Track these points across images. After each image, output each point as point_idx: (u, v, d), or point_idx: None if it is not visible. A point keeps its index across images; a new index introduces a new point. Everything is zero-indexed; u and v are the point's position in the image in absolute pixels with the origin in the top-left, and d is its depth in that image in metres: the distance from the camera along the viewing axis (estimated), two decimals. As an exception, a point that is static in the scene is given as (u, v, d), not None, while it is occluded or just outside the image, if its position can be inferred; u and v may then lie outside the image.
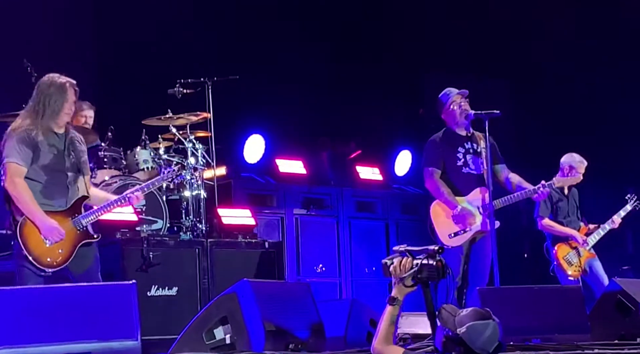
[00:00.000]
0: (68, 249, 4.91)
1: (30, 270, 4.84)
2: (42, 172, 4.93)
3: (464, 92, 6.39)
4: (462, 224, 6.15)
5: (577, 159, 7.46)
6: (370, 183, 8.53)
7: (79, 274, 4.94)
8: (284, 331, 4.67)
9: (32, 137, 4.90)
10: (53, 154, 4.96)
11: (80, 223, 4.96)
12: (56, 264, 4.88)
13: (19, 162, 4.87)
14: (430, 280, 3.43)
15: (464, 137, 6.39)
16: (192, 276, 6.22)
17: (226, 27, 8.89)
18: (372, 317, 5.32)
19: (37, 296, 4.35)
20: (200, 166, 6.82)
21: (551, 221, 7.43)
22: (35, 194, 4.89)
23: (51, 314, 4.25)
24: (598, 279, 7.36)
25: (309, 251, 7.94)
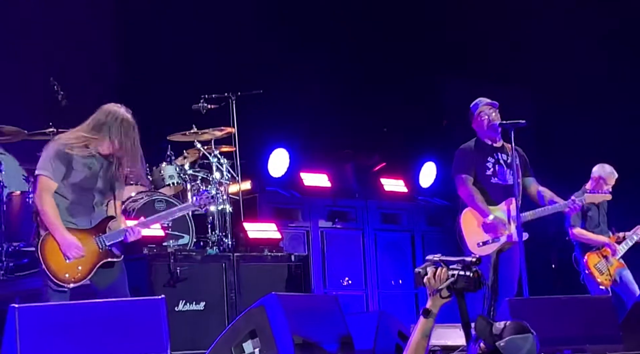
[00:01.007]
0: (87, 267, 4.91)
1: (50, 287, 4.85)
2: (71, 189, 4.95)
3: (494, 104, 6.41)
4: (492, 233, 6.13)
5: (608, 171, 7.41)
6: (395, 195, 8.49)
7: (104, 289, 4.93)
8: (312, 344, 4.65)
9: (68, 153, 4.92)
10: (85, 174, 4.98)
11: (103, 243, 4.96)
12: (74, 280, 4.88)
13: (50, 176, 4.90)
14: (466, 291, 3.38)
15: (494, 147, 6.40)
16: (219, 290, 6.21)
17: (249, 42, 8.91)
18: (401, 329, 5.28)
19: (68, 312, 4.36)
20: (225, 181, 6.82)
21: (584, 230, 7.37)
22: (61, 210, 4.91)
23: (82, 330, 4.26)
24: (629, 289, 7.28)
25: (334, 264, 7.91)
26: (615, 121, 9.20)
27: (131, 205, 6.51)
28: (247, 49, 8.87)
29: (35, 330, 4.22)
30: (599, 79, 9.25)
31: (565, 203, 6.33)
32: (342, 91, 9.10)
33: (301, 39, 9.04)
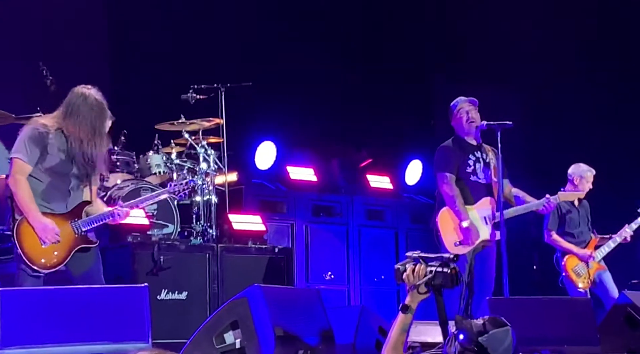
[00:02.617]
0: (63, 252, 4.90)
1: (25, 271, 4.84)
2: (46, 173, 4.93)
3: (473, 101, 6.41)
4: (464, 237, 6.16)
5: (586, 169, 7.47)
6: (380, 192, 8.53)
7: (79, 275, 4.93)
8: (293, 337, 4.68)
9: (43, 137, 4.92)
10: (60, 158, 4.96)
11: (79, 228, 4.95)
12: (50, 266, 4.87)
13: (24, 159, 4.88)
14: (444, 287, 3.43)
15: (473, 146, 6.42)
16: (202, 280, 6.23)
17: (240, 35, 8.92)
18: (381, 325, 5.31)
19: (51, 297, 4.37)
20: (211, 172, 6.84)
21: (557, 236, 7.43)
22: (36, 194, 4.89)
23: (63, 316, 4.27)
24: (607, 292, 7.34)
25: (318, 258, 7.94)
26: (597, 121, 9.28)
27: (117, 192, 6.52)
28: (237, 41, 8.88)
29: (17, 314, 4.23)
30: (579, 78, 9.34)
31: (540, 202, 6.36)
32: (332, 86, 9.13)
33: (292, 34, 9.06)
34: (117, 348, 4.28)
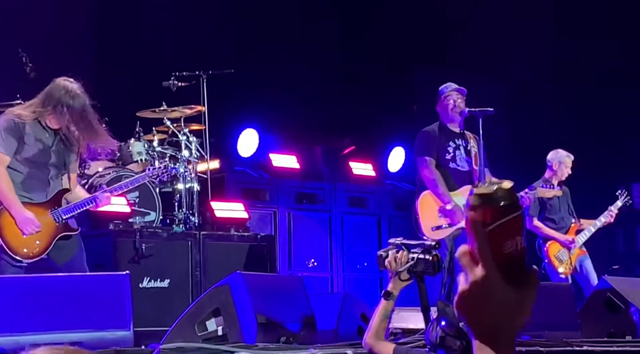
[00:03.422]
0: (45, 241, 4.89)
1: (6, 261, 4.83)
2: (24, 164, 4.92)
3: (462, 90, 6.43)
4: (450, 219, 6.17)
5: (564, 154, 7.52)
6: (363, 179, 8.53)
7: (63, 264, 4.92)
8: (275, 324, 4.68)
9: (19, 128, 4.89)
10: (38, 148, 4.94)
11: (60, 216, 4.94)
12: (32, 255, 4.86)
13: (1, 150, 4.86)
14: (425, 274, 3.44)
15: (455, 133, 6.43)
16: (184, 268, 6.22)
17: (222, 21, 8.88)
18: (364, 311, 5.32)
19: (32, 285, 4.35)
20: (193, 159, 6.82)
21: (539, 222, 7.47)
22: (15, 184, 4.87)
23: (44, 303, 4.25)
24: (588, 277, 7.39)
25: (300, 245, 7.95)
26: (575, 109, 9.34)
27: (98, 180, 6.48)
28: (219, 28, 8.84)
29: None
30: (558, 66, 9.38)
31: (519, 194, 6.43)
32: (314, 74, 9.11)
33: (274, 21, 9.03)
34: (99, 335, 4.27)
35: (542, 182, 7.49)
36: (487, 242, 1.27)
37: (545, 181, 7.50)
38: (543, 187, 7.05)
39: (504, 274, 1.27)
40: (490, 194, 1.28)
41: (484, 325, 1.30)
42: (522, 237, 1.29)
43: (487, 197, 1.28)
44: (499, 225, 1.27)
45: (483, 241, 1.27)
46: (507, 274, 1.27)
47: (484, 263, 1.28)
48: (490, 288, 1.28)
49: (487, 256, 1.27)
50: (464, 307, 1.31)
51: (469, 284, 1.29)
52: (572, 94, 9.47)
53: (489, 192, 1.28)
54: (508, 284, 1.27)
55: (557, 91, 9.54)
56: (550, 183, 7.46)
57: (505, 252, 1.27)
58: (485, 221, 1.27)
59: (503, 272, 1.28)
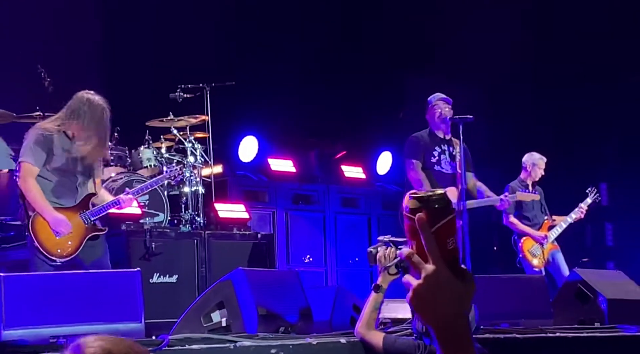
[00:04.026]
0: (76, 241, 4.92)
1: (42, 260, 4.86)
2: (54, 173, 4.95)
3: (447, 100, 6.48)
4: None
5: (538, 157, 7.55)
6: (354, 181, 8.54)
7: (90, 263, 4.95)
8: (275, 315, 4.68)
9: (47, 140, 4.91)
10: (66, 158, 4.98)
11: (88, 218, 4.97)
12: (65, 255, 4.89)
13: (32, 162, 4.89)
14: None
15: (442, 139, 6.48)
16: (190, 264, 6.23)
17: (224, 37, 8.89)
18: (355, 303, 5.33)
19: (50, 281, 4.35)
20: (198, 164, 6.83)
21: (515, 219, 7.49)
22: (46, 192, 4.90)
23: (63, 298, 4.26)
24: (560, 269, 7.41)
25: (297, 242, 7.95)
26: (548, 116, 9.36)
27: (111, 184, 6.48)
28: (221, 43, 8.85)
29: (20, 297, 4.21)
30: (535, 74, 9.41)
31: (497, 198, 6.47)
32: (308, 84, 9.13)
33: (270, 36, 9.04)
34: (113, 327, 4.27)
35: (518, 182, 7.51)
36: (434, 240, 1.30)
37: (520, 181, 7.52)
38: (521, 191, 7.10)
39: (450, 268, 1.30)
40: (426, 198, 1.32)
41: (440, 316, 1.32)
42: (456, 236, 1.34)
43: (424, 201, 1.31)
44: (444, 223, 1.31)
45: (431, 240, 1.30)
46: (452, 269, 1.31)
47: (433, 260, 1.31)
48: (442, 281, 1.31)
49: (436, 253, 1.30)
50: (420, 302, 1.33)
51: (423, 279, 1.31)
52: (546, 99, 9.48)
53: (425, 196, 1.33)
54: (455, 277, 1.30)
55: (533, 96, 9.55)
56: (525, 183, 7.49)
57: (449, 249, 1.31)
58: (430, 221, 1.30)
59: (449, 267, 1.31)
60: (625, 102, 9.16)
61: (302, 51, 9.18)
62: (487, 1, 9.51)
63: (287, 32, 9.20)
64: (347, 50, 9.67)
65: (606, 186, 9.29)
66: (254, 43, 8.91)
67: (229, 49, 8.83)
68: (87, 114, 4.95)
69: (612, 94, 9.20)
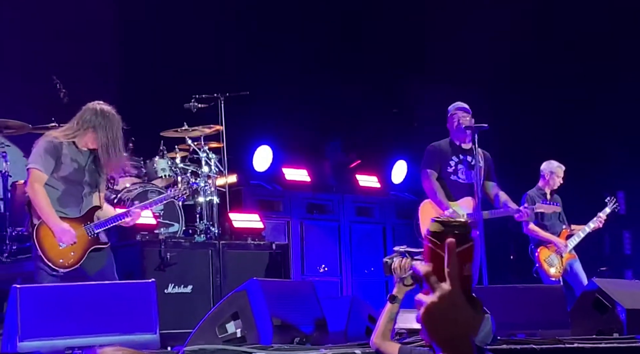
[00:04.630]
0: (79, 252, 4.93)
1: (45, 270, 4.86)
2: (61, 182, 4.96)
3: (466, 109, 6.46)
4: None
5: (556, 165, 7.50)
6: (369, 190, 8.53)
7: (95, 273, 4.95)
8: (290, 326, 4.68)
9: (57, 149, 4.93)
10: (74, 167, 4.99)
11: (92, 230, 4.97)
12: (68, 265, 4.89)
13: (40, 169, 4.90)
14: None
15: (461, 148, 6.45)
16: (205, 274, 6.23)
17: (238, 48, 8.92)
18: (371, 313, 5.31)
19: (65, 292, 4.37)
20: (213, 174, 6.84)
21: (535, 226, 7.44)
22: (52, 201, 4.91)
23: (78, 309, 4.27)
24: (577, 279, 7.35)
25: (312, 252, 7.94)
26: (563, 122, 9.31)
27: (126, 195, 6.51)
28: (235, 53, 8.88)
29: (35, 309, 4.23)
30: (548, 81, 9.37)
31: (515, 209, 6.43)
32: (323, 94, 9.14)
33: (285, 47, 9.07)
34: (128, 338, 4.28)
35: (536, 190, 7.47)
36: (456, 262, 1.34)
37: (538, 190, 7.48)
38: (542, 202, 7.04)
39: (463, 293, 1.34)
40: (449, 223, 1.38)
41: (448, 336, 1.35)
42: (472, 264, 1.38)
43: (447, 225, 1.37)
44: (462, 250, 1.36)
45: (455, 262, 1.33)
46: (465, 294, 1.35)
47: (452, 282, 1.34)
48: (456, 302, 1.35)
49: (456, 274, 1.34)
50: (431, 319, 1.36)
51: (437, 298, 1.35)
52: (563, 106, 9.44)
53: (447, 221, 1.38)
54: (467, 303, 1.33)
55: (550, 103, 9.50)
56: (543, 192, 7.45)
57: (464, 275, 1.35)
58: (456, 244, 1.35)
59: (462, 291, 1.34)
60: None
61: (317, 62, 9.19)
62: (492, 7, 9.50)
63: (303, 42, 9.22)
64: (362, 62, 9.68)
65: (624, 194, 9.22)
66: (268, 53, 8.93)
67: (243, 59, 8.86)
68: (102, 124, 4.98)
69: (629, 100, 9.15)
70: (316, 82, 9.05)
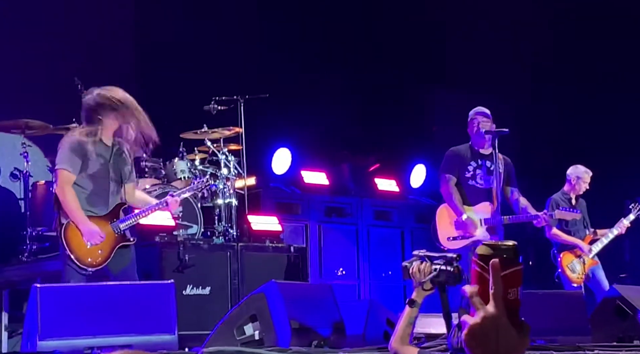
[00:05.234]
0: (107, 251, 4.94)
1: (73, 269, 4.87)
2: (89, 180, 4.97)
3: (486, 114, 6.43)
4: (462, 231, 6.17)
5: (582, 170, 7.43)
6: (387, 194, 8.52)
7: (117, 273, 4.97)
8: (308, 329, 4.67)
9: (83, 147, 4.95)
10: (100, 163, 5.00)
11: (118, 227, 4.99)
12: (96, 264, 4.91)
13: (69, 169, 4.92)
14: (447, 284, 3.41)
15: (480, 153, 6.42)
16: (223, 276, 6.24)
17: (257, 50, 8.94)
18: (389, 317, 5.30)
19: (85, 292, 4.39)
20: (232, 176, 6.85)
21: (558, 231, 7.38)
22: (81, 200, 4.93)
23: (97, 310, 4.29)
24: (599, 285, 7.29)
25: (330, 255, 7.93)
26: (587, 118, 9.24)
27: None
28: (255, 56, 8.90)
29: (55, 308, 4.25)
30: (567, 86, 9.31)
31: (535, 215, 6.39)
32: (342, 97, 9.14)
33: (305, 50, 9.08)
34: (147, 339, 4.29)
35: (561, 194, 7.41)
36: (500, 284, 1.35)
37: (563, 194, 7.42)
38: (562, 209, 6.95)
39: (508, 316, 1.36)
40: (497, 246, 1.39)
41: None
42: (519, 289, 1.39)
43: (495, 248, 1.38)
44: (509, 273, 1.37)
45: (498, 283, 1.35)
46: (510, 318, 1.37)
47: (496, 303, 1.36)
48: (499, 325, 1.36)
49: (500, 296, 1.35)
50: (474, 339, 1.37)
51: (481, 319, 1.36)
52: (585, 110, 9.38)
53: (496, 245, 1.40)
54: (512, 326, 1.35)
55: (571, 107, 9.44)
56: (568, 196, 7.39)
57: (509, 299, 1.37)
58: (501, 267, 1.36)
59: (507, 314, 1.36)
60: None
61: (336, 66, 9.20)
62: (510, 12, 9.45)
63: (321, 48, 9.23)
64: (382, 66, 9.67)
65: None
66: (288, 56, 8.94)
67: (263, 62, 8.88)
68: (109, 98, 4.96)
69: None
70: (335, 85, 9.05)
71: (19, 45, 7.79)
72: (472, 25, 9.58)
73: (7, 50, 7.69)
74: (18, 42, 7.80)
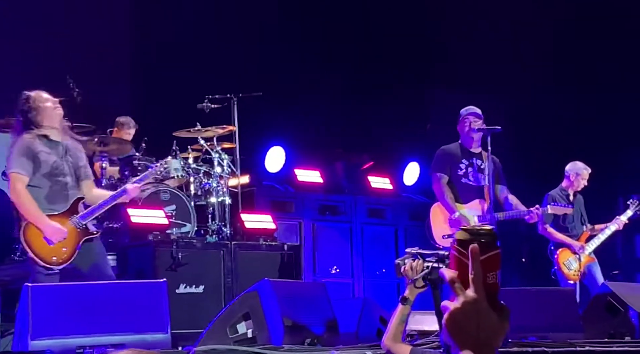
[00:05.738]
0: (71, 247, 4.93)
1: (39, 271, 4.86)
2: (45, 178, 4.96)
3: (478, 114, 6.44)
4: (456, 228, 6.17)
5: (581, 166, 7.42)
6: (381, 192, 8.51)
7: (88, 269, 4.95)
8: (301, 327, 4.67)
9: (31, 148, 4.94)
10: (52, 161, 4.99)
11: (79, 222, 4.98)
12: (62, 261, 4.90)
13: (20, 171, 4.90)
14: (439, 282, 3.41)
15: (470, 152, 6.44)
16: (217, 275, 6.23)
17: (251, 48, 8.93)
18: (382, 315, 5.30)
19: (77, 292, 4.38)
20: (225, 175, 6.84)
21: (551, 228, 7.38)
22: (40, 200, 4.91)
23: (89, 309, 4.28)
24: (595, 282, 7.28)
25: (324, 253, 7.93)
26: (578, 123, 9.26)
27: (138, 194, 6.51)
28: (248, 54, 8.89)
29: (47, 307, 4.24)
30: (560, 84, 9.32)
31: (527, 211, 6.39)
32: (335, 95, 9.13)
33: (298, 48, 9.07)
34: (140, 338, 4.29)
35: (559, 190, 7.41)
36: (480, 269, 1.34)
37: (561, 190, 7.41)
38: (554, 204, 6.95)
39: (488, 301, 1.36)
40: (475, 231, 1.40)
41: (471, 343, 1.37)
42: (498, 273, 1.39)
43: (473, 233, 1.39)
44: (488, 257, 1.37)
45: (478, 268, 1.33)
46: (490, 302, 1.38)
47: (476, 287, 1.35)
48: (480, 309, 1.36)
49: (480, 281, 1.35)
50: (454, 326, 1.38)
51: (462, 304, 1.36)
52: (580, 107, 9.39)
53: (473, 229, 1.40)
54: (492, 310, 1.36)
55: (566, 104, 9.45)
56: (567, 192, 7.38)
57: (488, 283, 1.38)
58: (480, 251, 1.36)
59: (487, 298, 1.37)
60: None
61: (329, 64, 9.19)
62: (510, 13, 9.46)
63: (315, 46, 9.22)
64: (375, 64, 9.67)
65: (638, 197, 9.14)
66: (280, 55, 8.94)
67: (256, 60, 8.87)
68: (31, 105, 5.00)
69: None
70: (329, 83, 9.04)
71: (16, 44, 7.77)
72: (472, 25, 9.57)
73: (5, 49, 7.67)
74: (16, 41, 7.78)
